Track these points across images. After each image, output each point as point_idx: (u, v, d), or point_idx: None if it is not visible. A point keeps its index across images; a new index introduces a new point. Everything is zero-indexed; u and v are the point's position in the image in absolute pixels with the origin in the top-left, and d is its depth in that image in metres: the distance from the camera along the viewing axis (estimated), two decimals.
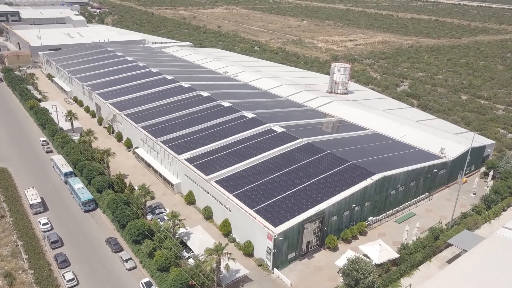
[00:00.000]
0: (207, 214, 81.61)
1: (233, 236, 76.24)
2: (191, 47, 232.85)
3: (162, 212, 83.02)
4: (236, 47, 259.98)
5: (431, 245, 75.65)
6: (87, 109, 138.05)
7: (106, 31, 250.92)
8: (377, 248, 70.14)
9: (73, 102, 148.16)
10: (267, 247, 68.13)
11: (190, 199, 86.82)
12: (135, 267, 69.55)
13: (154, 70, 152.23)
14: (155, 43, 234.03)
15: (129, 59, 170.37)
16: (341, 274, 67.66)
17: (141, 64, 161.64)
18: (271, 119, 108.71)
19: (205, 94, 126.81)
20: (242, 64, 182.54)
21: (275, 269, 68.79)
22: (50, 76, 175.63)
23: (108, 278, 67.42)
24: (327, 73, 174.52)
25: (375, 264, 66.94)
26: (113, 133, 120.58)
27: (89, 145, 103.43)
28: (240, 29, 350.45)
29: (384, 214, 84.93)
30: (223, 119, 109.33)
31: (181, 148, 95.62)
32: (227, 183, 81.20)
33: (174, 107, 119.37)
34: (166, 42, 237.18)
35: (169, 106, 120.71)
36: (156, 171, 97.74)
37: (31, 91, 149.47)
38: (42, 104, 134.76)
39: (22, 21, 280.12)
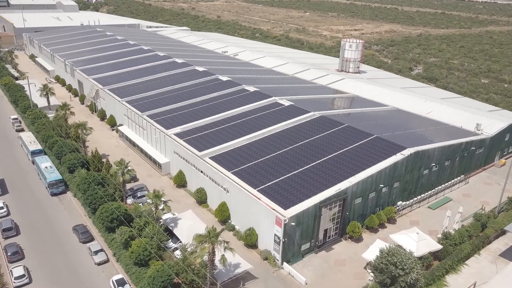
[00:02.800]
0: (201, 198, 66.73)
1: (232, 223, 61.35)
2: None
3: (145, 196, 67.96)
4: (236, 34, 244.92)
5: (478, 234, 60.74)
6: (69, 88, 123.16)
7: (99, 16, 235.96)
8: (414, 238, 55.10)
9: (55, 81, 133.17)
10: (275, 235, 53.23)
11: (180, 181, 71.93)
12: (106, 261, 54.63)
13: (146, 48, 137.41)
14: (150, 27, 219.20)
15: (119, 37, 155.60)
16: (370, 270, 52.82)
17: (131, 42, 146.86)
18: (277, 93, 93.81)
19: (201, 69, 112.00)
20: (243, 45, 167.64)
21: (285, 263, 53.86)
22: (33, 57, 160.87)
23: (71, 274, 52.48)
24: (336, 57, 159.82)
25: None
26: (96, 111, 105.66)
27: (63, 121, 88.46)
28: (241, 19, 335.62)
29: (415, 199, 69.97)
30: (221, 92, 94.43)
31: (171, 123, 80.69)
32: (224, 160, 66.30)
33: (164, 82, 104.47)
34: (161, 27, 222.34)
35: (159, 80, 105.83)
36: (142, 150, 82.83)
37: (8, 70, 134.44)
38: (19, 83, 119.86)
39: (11, 6, 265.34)
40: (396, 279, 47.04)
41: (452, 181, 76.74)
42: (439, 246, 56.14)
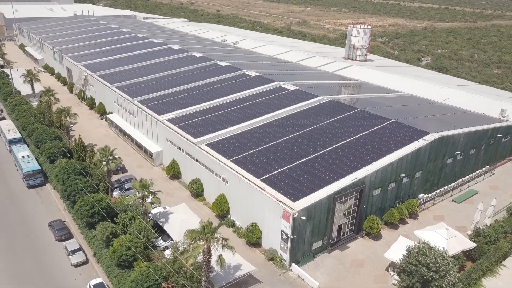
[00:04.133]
0: (196, 190, 58.85)
1: (232, 218, 53.51)
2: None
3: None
4: (236, 27, 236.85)
5: None
6: (58, 76, 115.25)
7: (94, 8, 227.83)
8: (443, 234, 47.25)
9: (43, 71, 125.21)
10: (282, 231, 45.41)
11: (173, 172, 64.06)
12: (85, 262, 46.78)
13: (141, 35, 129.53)
14: (147, 18, 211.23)
15: (113, 26, 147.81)
16: (394, 272, 45.06)
17: (126, 30, 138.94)
18: (281, 78, 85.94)
19: (198, 54, 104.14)
20: (244, 35, 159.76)
21: (293, 264, 46.00)
22: (22, 47, 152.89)
23: (42, 277, 44.64)
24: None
25: None
26: (85, 100, 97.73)
27: (47, 108, 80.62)
28: (241, 13, 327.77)
29: (438, 191, 62.10)
30: (220, 77, 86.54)
31: (164, 108, 72.84)
32: (223, 147, 58.42)
33: (159, 67, 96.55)
34: (158, 18, 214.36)
35: (153, 66, 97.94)
36: (132, 139, 74.97)
37: None
38: (3, 70, 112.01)
39: None
40: (428, 284, 39.25)
41: (477, 172, 68.89)
42: (473, 244, 48.33)
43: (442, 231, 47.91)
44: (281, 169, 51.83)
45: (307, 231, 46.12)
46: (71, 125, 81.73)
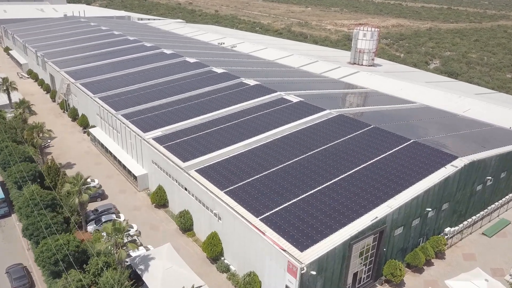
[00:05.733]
0: (185, 224, 50.31)
1: (226, 261, 45.01)
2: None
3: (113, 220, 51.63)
4: (235, 28, 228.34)
5: None
6: (42, 83, 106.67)
7: (86, 8, 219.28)
8: (482, 287, 38.79)
9: (27, 76, 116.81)
10: (287, 287, 36.89)
11: (159, 199, 55.52)
12: None
13: (132, 38, 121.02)
14: (141, 19, 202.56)
15: (104, 28, 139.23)
16: None
17: (116, 32, 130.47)
18: (282, 87, 77.56)
19: (192, 60, 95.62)
20: (242, 37, 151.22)
21: None
22: (7, 49, 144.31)
23: None
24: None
25: None
26: (67, 110, 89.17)
27: (21, 122, 72.09)
28: (240, 14, 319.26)
29: (465, 223, 53.63)
30: (215, 86, 78.09)
31: (150, 124, 64.31)
32: (216, 174, 49.89)
33: (149, 75, 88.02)
34: (153, 19, 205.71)
35: (143, 73, 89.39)
36: (116, 158, 66.45)
37: None
38: None
39: None
40: None
41: (506, 197, 60.38)
42: None
43: (480, 283, 39.46)
44: (285, 205, 43.30)
45: (318, 285, 37.62)
46: (49, 141, 73.33)
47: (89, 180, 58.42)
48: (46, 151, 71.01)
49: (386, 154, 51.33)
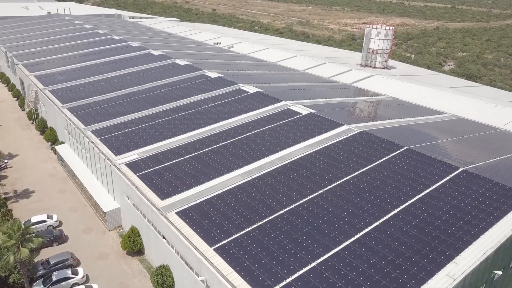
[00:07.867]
0: (163, 285, 37.54)
1: None
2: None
3: (68, 278, 38.88)
4: (233, 27, 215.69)
5: None
6: (12, 88, 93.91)
7: (74, 6, 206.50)
8: None
9: None
10: None
11: (132, 246, 42.79)
12: None
13: (117, 37, 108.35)
14: (133, 17, 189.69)
15: (88, 26, 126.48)
16: None
17: (101, 31, 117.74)
18: (288, 95, 65.08)
19: (183, 62, 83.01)
20: (240, 37, 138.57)
21: None
22: None
23: None
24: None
25: None
26: (35, 121, 76.48)
27: None
28: (238, 13, 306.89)
29: None
30: (208, 95, 65.48)
31: (125, 143, 51.59)
32: (203, 218, 37.16)
33: (131, 79, 75.34)
34: (146, 17, 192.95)
35: (126, 77, 76.72)
36: (82, 186, 53.69)
37: None
38: None
39: None
40: None
41: None
42: None
43: None
44: (304, 270, 30.58)
45: None
46: (5, 161, 60.63)
47: (44, 216, 45.85)
48: (2, 173, 58.43)
49: (431, 189, 38.69)
